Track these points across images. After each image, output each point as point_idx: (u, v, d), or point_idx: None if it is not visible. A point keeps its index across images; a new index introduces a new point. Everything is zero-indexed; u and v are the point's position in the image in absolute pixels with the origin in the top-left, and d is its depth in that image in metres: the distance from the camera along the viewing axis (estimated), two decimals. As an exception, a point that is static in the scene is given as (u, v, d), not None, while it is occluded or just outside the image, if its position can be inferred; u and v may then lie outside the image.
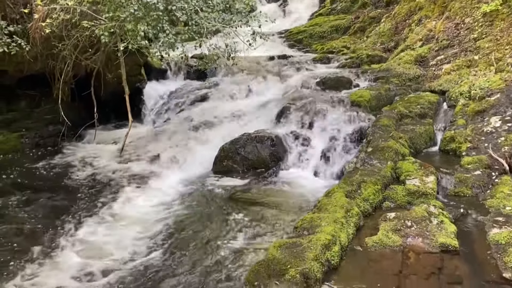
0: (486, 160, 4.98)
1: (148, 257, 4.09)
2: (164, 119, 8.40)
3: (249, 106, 7.88)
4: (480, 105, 6.09)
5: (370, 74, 8.38)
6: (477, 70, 7.02)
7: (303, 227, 3.90)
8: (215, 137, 7.10)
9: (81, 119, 8.02)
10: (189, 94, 8.77)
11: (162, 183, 6.03)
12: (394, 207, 4.38)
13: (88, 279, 3.78)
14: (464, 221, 4.09)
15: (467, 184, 4.68)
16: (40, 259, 4.12)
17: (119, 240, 4.45)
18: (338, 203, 4.20)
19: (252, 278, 3.13)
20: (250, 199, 5.39)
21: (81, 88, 7.92)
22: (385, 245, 3.69)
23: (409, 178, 4.74)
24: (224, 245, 4.21)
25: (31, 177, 6.27)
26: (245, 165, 6.39)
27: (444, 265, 3.41)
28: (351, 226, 3.95)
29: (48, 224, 4.82)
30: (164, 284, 3.61)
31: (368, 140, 5.78)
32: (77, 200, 5.49)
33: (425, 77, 7.78)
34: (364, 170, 5.01)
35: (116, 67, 7.55)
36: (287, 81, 8.63)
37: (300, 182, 5.85)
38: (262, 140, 6.51)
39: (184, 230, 4.62)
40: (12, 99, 7.85)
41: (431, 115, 6.47)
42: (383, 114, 6.42)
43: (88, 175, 6.36)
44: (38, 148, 7.50)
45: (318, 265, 3.29)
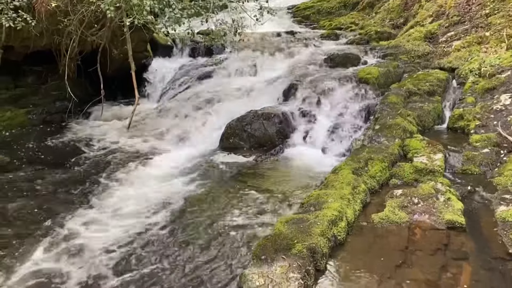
0: (494, 138, 4.94)
1: (155, 231, 4.13)
2: (170, 96, 8.37)
3: (256, 83, 7.82)
4: (490, 82, 6.01)
5: (378, 51, 8.28)
6: (488, 46, 6.91)
7: (310, 203, 3.92)
8: (222, 114, 7.07)
9: (88, 95, 8.03)
10: (195, 71, 8.72)
11: (169, 160, 6.05)
12: (401, 184, 4.38)
13: (96, 253, 3.84)
14: (471, 198, 4.09)
15: (475, 162, 4.66)
16: (51, 231, 4.18)
17: (125, 215, 4.49)
18: (345, 180, 4.21)
19: (259, 252, 3.16)
20: (256, 176, 5.41)
21: (87, 64, 7.89)
22: (392, 222, 3.70)
23: (417, 156, 4.72)
24: (231, 221, 4.24)
25: (39, 153, 6.32)
26: (252, 142, 6.38)
27: (450, 241, 3.42)
28: (357, 203, 3.96)
29: (57, 198, 4.87)
30: (170, 258, 3.66)
31: (376, 117, 5.74)
32: (84, 175, 5.54)
33: (435, 54, 7.66)
34: (371, 148, 5.00)
35: (122, 43, 7.50)
36: (294, 57, 8.54)
37: (307, 159, 5.84)
38: (269, 117, 6.48)
39: (191, 206, 4.65)
40: (18, 75, 7.86)
41: (440, 92, 6.40)
42: (391, 92, 6.36)
43: (95, 151, 6.40)
44: (45, 124, 7.54)
45: (325, 240, 3.31)
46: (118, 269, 3.59)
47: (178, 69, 9.01)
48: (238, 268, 3.38)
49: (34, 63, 7.95)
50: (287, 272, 2.92)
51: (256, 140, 6.38)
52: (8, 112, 7.37)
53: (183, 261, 3.61)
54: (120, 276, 3.52)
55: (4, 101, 7.53)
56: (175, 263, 3.61)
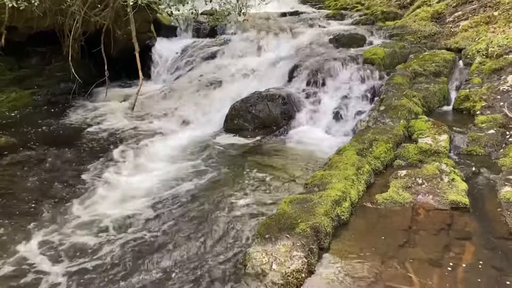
0: (500, 119, 4.91)
1: (160, 210, 4.17)
2: (174, 77, 8.35)
3: (260, 63, 7.77)
4: (497, 63, 5.94)
5: (384, 31, 8.18)
6: (496, 26, 6.80)
7: (314, 183, 3.93)
8: (226, 96, 7.05)
9: (92, 76, 8.02)
10: (199, 52, 8.67)
11: (173, 141, 6.06)
12: (406, 165, 4.38)
13: (101, 229, 3.89)
14: (475, 179, 4.08)
15: (480, 143, 4.64)
16: (57, 209, 4.24)
17: (132, 195, 4.52)
18: (349, 160, 4.21)
19: (263, 231, 3.19)
20: (261, 157, 5.41)
21: (91, 45, 7.86)
22: (395, 202, 3.71)
23: (422, 137, 4.70)
24: (235, 200, 4.26)
25: (44, 134, 6.35)
26: (256, 123, 6.37)
27: (453, 221, 3.43)
28: (361, 183, 3.96)
29: (64, 178, 4.91)
30: (175, 235, 3.70)
31: (381, 98, 5.71)
32: (89, 156, 5.55)
33: (441, 34, 7.57)
34: (376, 129, 4.98)
35: (125, 24, 7.44)
36: (299, 38, 8.47)
37: (312, 141, 5.84)
38: (273, 98, 6.46)
39: (195, 187, 4.67)
40: (22, 56, 7.85)
41: (446, 73, 6.34)
42: (397, 72, 6.31)
43: (99, 132, 6.41)
44: (50, 105, 7.56)
45: (328, 220, 3.33)
46: (129, 240, 3.66)
47: (182, 50, 8.96)
48: (242, 247, 3.41)
49: (38, 44, 7.93)
50: (290, 251, 2.95)
51: (261, 121, 6.37)
52: (13, 93, 7.39)
53: (188, 238, 3.64)
54: (130, 245, 3.60)
55: (9, 82, 7.54)
56: (180, 240, 3.64)
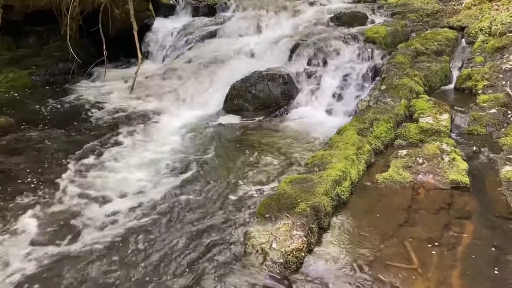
0: (502, 98, 4.87)
1: (157, 193, 4.15)
2: (173, 56, 8.25)
3: (261, 43, 7.67)
4: (500, 41, 5.87)
5: (386, 10, 8.06)
6: (500, 4, 6.70)
7: (314, 163, 3.92)
8: (226, 75, 6.97)
9: (90, 56, 7.95)
10: (199, 31, 8.55)
11: (173, 121, 6.04)
12: (406, 145, 4.36)
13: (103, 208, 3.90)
14: (476, 159, 4.07)
15: (482, 123, 4.61)
16: (54, 189, 4.24)
17: (128, 178, 4.52)
18: (349, 140, 4.19)
19: (263, 210, 3.19)
20: (261, 137, 5.39)
21: (89, 24, 7.77)
22: (396, 181, 3.71)
23: (423, 116, 4.67)
24: (236, 180, 4.26)
25: (43, 114, 6.31)
26: (256, 103, 6.33)
27: (453, 200, 3.44)
28: (362, 163, 3.95)
29: (61, 160, 4.90)
30: (175, 216, 3.71)
31: (382, 77, 5.66)
32: (87, 136, 5.53)
33: (444, 12, 7.46)
34: (377, 108, 4.95)
35: (123, 2, 7.35)
36: (299, 16, 8.33)
37: (312, 120, 5.81)
38: (274, 78, 6.40)
39: (196, 167, 4.67)
40: (20, 36, 7.78)
41: (448, 52, 6.26)
42: (399, 51, 6.23)
43: (99, 112, 6.37)
44: (49, 86, 7.50)
45: (328, 199, 3.33)
46: (129, 220, 3.67)
47: (181, 29, 8.83)
48: (242, 226, 3.42)
49: (35, 23, 7.84)
50: (290, 230, 2.96)
51: (261, 102, 6.32)
52: (11, 73, 7.32)
53: (187, 218, 3.65)
54: (132, 221, 3.64)
55: (7, 62, 7.48)
56: (182, 219, 3.65)
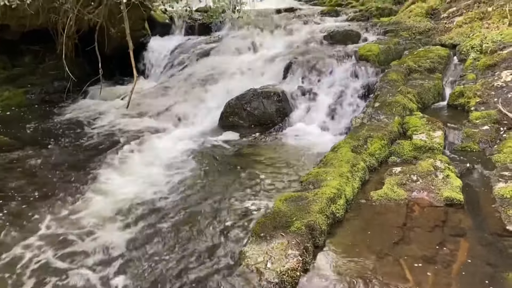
0: (495, 115, 4.92)
1: (151, 211, 4.12)
2: (169, 74, 8.32)
3: (255, 61, 7.76)
4: (491, 59, 5.95)
5: (379, 28, 8.19)
6: (490, 22, 6.81)
7: (309, 181, 3.93)
8: (221, 93, 7.03)
9: (86, 75, 7.99)
10: (194, 49, 8.64)
11: (168, 139, 6.04)
12: (400, 162, 4.38)
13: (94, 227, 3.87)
14: (470, 175, 4.09)
15: (475, 139, 4.64)
16: (53, 210, 4.20)
17: (124, 194, 4.50)
18: (344, 157, 4.21)
19: (258, 229, 3.18)
20: (256, 154, 5.40)
21: (85, 43, 7.83)
22: (390, 199, 3.71)
23: (416, 133, 4.70)
24: (230, 199, 4.25)
25: (38, 133, 6.31)
26: (251, 121, 6.36)
27: (448, 218, 3.44)
28: (356, 180, 3.96)
29: (56, 177, 4.88)
30: (169, 235, 3.69)
31: (376, 95, 5.71)
32: (84, 154, 5.53)
33: (436, 30, 7.57)
34: (371, 125, 4.98)
35: (119, 22, 7.41)
36: (294, 35, 8.45)
37: (307, 138, 5.84)
38: (269, 95, 6.45)
39: (190, 185, 4.66)
40: (16, 55, 7.81)
41: (441, 69, 6.34)
42: (392, 69, 6.30)
43: (93, 130, 6.38)
44: (44, 104, 7.53)
45: (323, 217, 3.33)
46: (121, 243, 3.63)
47: (177, 47, 8.93)
48: (237, 245, 3.40)
49: (31, 42, 7.89)
50: (285, 249, 2.95)
51: (256, 119, 6.36)
52: (6, 92, 7.35)
53: (182, 237, 3.63)
54: (123, 249, 3.56)
55: (2, 81, 7.50)
56: (173, 238, 3.63)
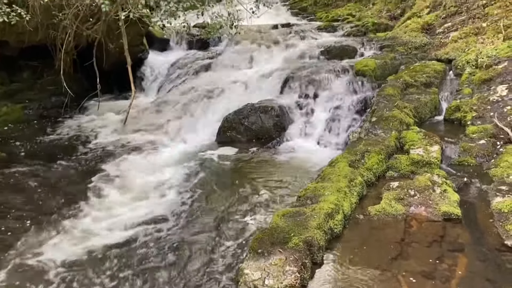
0: (491, 129, 4.94)
1: (151, 227, 4.12)
2: (167, 89, 8.35)
3: (253, 76, 7.80)
4: (487, 73, 6.00)
5: (375, 43, 8.26)
6: (485, 37, 6.89)
7: (307, 196, 3.92)
8: (219, 108, 7.06)
9: (84, 90, 8.01)
10: (192, 64, 8.70)
11: (166, 154, 6.05)
12: (398, 177, 4.38)
13: (96, 246, 3.85)
14: (467, 190, 4.09)
15: (472, 153, 4.65)
16: (49, 227, 4.18)
17: (121, 210, 4.49)
18: (341, 172, 4.21)
19: (256, 245, 3.17)
20: (253, 169, 5.41)
21: (83, 58, 7.87)
22: (388, 214, 3.71)
23: (413, 148, 4.71)
24: (228, 214, 4.25)
25: (36, 148, 6.31)
26: (249, 135, 6.38)
27: (446, 233, 3.43)
28: (354, 195, 3.96)
29: (54, 194, 4.87)
30: (167, 252, 3.67)
31: (373, 109, 5.73)
32: (82, 170, 5.53)
33: (432, 45, 7.65)
34: (368, 140, 4.99)
35: (117, 37, 7.46)
36: (291, 50, 8.52)
37: (304, 152, 5.85)
38: (266, 110, 6.47)
39: (188, 201, 4.65)
40: (14, 70, 7.83)
41: (437, 84, 6.38)
42: (388, 84, 6.34)
43: (91, 146, 6.38)
44: (42, 119, 7.53)
45: (321, 233, 3.32)
46: (115, 262, 3.61)
47: (175, 63, 8.99)
48: (235, 261, 3.39)
49: (30, 58, 7.92)
50: (283, 265, 2.93)
51: (254, 133, 6.38)
52: (4, 108, 7.36)
53: (179, 254, 3.61)
54: (118, 269, 3.54)
55: (0, 97, 7.51)
56: (171, 255, 3.61)
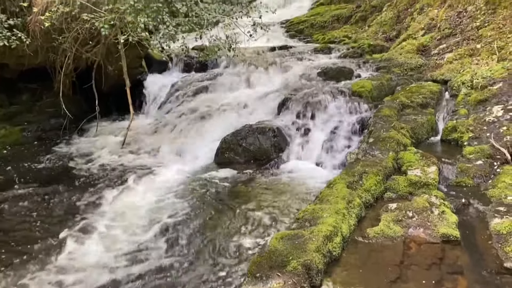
0: (488, 150, 4.97)
1: (146, 251, 4.10)
2: (165, 111, 8.40)
3: (251, 97, 7.86)
4: (482, 94, 6.07)
5: (371, 64, 8.35)
6: (480, 59, 6.98)
7: (305, 218, 3.91)
8: (217, 129, 7.09)
9: (83, 112, 8.05)
10: (190, 86, 8.76)
11: (164, 176, 6.04)
12: (396, 198, 4.38)
13: (95, 271, 3.81)
14: (465, 211, 4.09)
15: (469, 174, 4.67)
16: (46, 252, 4.15)
17: (118, 235, 4.47)
18: (339, 194, 4.21)
19: (254, 269, 3.15)
20: (251, 191, 5.40)
21: (82, 81, 7.93)
22: (387, 236, 3.70)
23: (411, 169, 4.73)
24: (226, 237, 4.23)
25: (34, 171, 6.30)
26: (247, 156, 6.39)
27: (445, 255, 3.42)
28: (352, 217, 3.95)
29: (53, 217, 4.85)
30: (166, 275, 3.64)
31: (370, 130, 5.77)
32: (79, 193, 5.51)
33: (427, 66, 7.74)
34: (365, 161, 5.00)
35: (116, 60, 7.54)
36: (288, 71, 8.60)
37: (302, 173, 5.85)
38: (264, 131, 6.50)
39: (186, 222, 4.64)
40: (13, 93, 7.88)
41: (433, 105, 6.45)
42: (385, 104, 6.40)
43: (90, 168, 6.38)
44: (40, 142, 7.54)
45: (320, 256, 3.30)
46: (114, 285, 3.58)
47: (173, 84, 9.04)
48: (233, 286, 3.36)
49: (29, 80, 7.98)
50: (282, 290, 2.91)
51: (251, 155, 6.39)
52: (3, 130, 7.37)
53: (177, 279, 3.58)
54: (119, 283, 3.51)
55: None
56: (170, 281, 3.58)
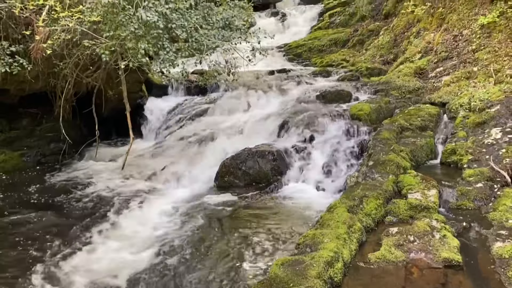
0: (487, 173, 4.97)
1: (146, 277, 4.05)
2: (165, 135, 8.42)
3: (250, 120, 7.90)
4: (480, 116, 6.10)
5: (369, 87, 8.42)
6: (477, 81, 7.06)
7: (306, 244, 3.88)
8: (216, 152, 7.10)
9: (83, 136, 8.08)
10: (190, 110, 8.81)
11: (164, 200, 6.02)
12: (397, 222, 4.36)
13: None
14: (467, 235, 4.07)
15: (469, 197, 4.66)
16: (43, 279, 4.11)
17: (116, 259, 4.43)
18: (340, 218, 4.19)
19: (255, 297, 3.11)
20: (251, 215, 5.37)
21: (82, 105, 7.97)
22: (388, 261, 3.66)
23: (411, 192, 4.72)
24: (226, 263, 4.18)
25: (33, 196, 6.27)
26: (247, 180, 6.38)
27: (447, 280, 3.38)
28: (353, 242, 3.92)
29: (51, 243, 4.81)
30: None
31: (369, 153, 5.78)
32: (78, 218, 5.48)
33: (425, 89, 7.81)
34: (365, 184, 4.99)
35: (117, 85, 7.60)
36: (287, 95, 8.67)
37: (302, 197, 5.84)
38: (263, 154, 6.51)
39: (185, 247, 4.60)
40: (14, 118, 7.90)
41: (432, 127, 6.48)
42: (384, 127, 6.43)
43: (89, 193, 6.35)
44: (40, 166, 7.54)
45: (321, 282, 3.26)
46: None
47: (173, 108, 9.10)
48: (233, 314, 3.32)
49: (30, 105, 8.02)
50: (283, 318, 2.87)
51: (251, 178, 6.38)
52: (2, 155, 7.37)
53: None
54: None
55: (-1, 144, 7.55)
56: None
